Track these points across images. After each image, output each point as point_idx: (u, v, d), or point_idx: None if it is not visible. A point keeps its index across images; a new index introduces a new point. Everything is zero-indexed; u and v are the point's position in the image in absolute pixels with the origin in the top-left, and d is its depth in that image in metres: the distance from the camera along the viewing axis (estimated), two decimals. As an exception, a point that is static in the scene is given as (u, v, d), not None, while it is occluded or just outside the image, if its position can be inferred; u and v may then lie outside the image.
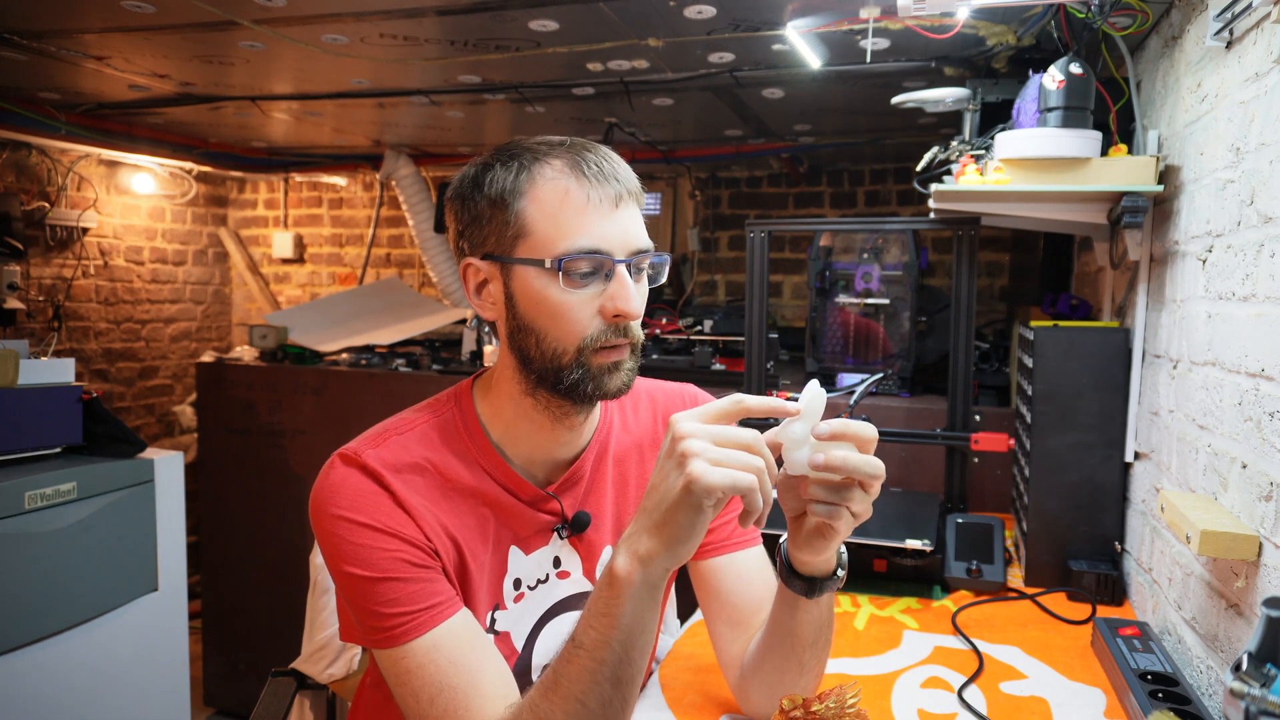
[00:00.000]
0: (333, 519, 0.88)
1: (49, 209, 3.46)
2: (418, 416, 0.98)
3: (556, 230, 0.88)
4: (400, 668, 0.86)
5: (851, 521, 0.84)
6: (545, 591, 1.01)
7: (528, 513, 0.98)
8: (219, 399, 3.11)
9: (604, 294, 0.89)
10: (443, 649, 0.85)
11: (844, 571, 0.94)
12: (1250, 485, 1.00)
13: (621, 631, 0.78)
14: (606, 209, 0.88)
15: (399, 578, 0.86)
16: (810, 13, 1.76)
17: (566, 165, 0.89)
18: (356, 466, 0.90)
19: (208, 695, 3.23)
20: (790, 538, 0.92)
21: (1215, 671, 1.08)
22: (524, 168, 0.90)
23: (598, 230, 0.88)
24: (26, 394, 1.96)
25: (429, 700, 0.84)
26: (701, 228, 3.77)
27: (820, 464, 0.80)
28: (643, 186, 0.95)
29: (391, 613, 0.85)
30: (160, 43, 2.15)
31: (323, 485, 0.91)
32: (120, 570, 2.04)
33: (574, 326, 0.89)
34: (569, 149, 0.91)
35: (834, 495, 0.82)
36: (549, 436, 0.98)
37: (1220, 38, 1.14)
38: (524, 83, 2.46)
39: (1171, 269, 1.38)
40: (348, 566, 0.87)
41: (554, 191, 0.88)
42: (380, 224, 4.26)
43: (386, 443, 0.93)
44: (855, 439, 0.81)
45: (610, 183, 0.89)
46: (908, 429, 2.04)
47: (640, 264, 0.92)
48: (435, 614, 0.86)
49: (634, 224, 0.91)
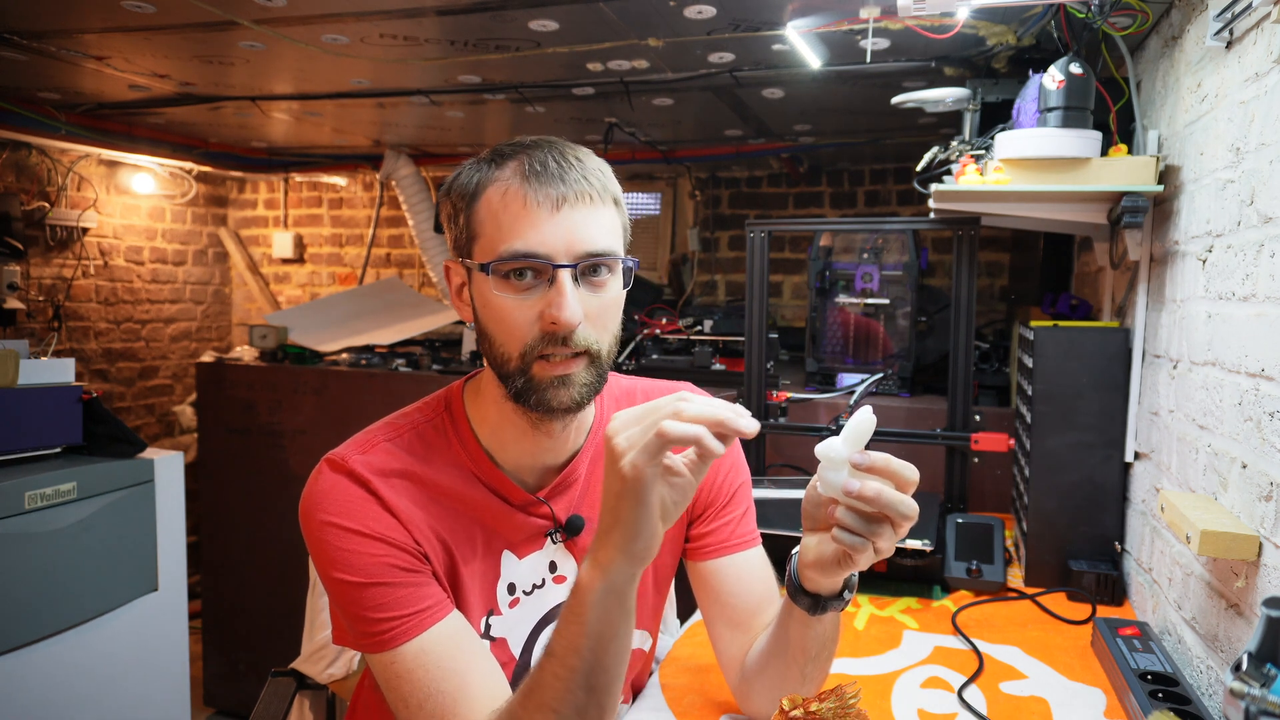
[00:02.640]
0: (321, 525, 0.88)
1: (49, 209, 3.46)
2: (407, 419, 0.97)
3: (497, 233, 0.86)
4: (390, 672, 0.86)
5: (873, 557, 0.82)
6: (541, 597, 1.00)
7: (519, 517, 0.98)
8: (219, 399, 3.11)
9: (543, 299, 0.85)
10: (431, 654, 0.85)
11: (851, 594, 0.93)
12: (1250, 485, 1.00)
13: (590, 639, 0.78)
14: (545, 211, 0.84)
15: (387, 583, 0.86)
16: (810, 13, 1.76)
17: (517, 166, 0.87)
18: (344, 472, 0.89)
19: (208, 695, 3.23)
20: (803, 553, 0.91)
21: (1215, 671, 1.08)
22: (481, 169, 0.89)
23: (533, 234, 0.84)
24: (26, 394, 1.96)
25: (417, 705, 0.85)
26: (701, 228, 3.77)
27: (854, 491, 0.78)
28: (641, 187, 0.93)
29: (380, 617, 0.85)
30: (160, 43, 2.15)
31: (311, 491, 0.90)
32: (120, 570, 2.04)
33: (514, 333, 0.87)
34: (529, 148, 0.88)
35: (862, 526, 0.80)
36: (532, 442, 0.96)
37: (1220, 38, 1.14)
38: (524, 83, 2.46)
39: (1171, 269, 1.38)
40: (336, 572, 0.87)
41: (498, 193, 0.87)
42: (380, 224, 4.26)
43: (375, 448, 0.92)
44: (895, 477, 0.79)
45: (554, 184, 0.85)
46: (908, 429, 2.04)
47: (592, 267, 0.87)
48: (424, 618, 0.86)
49: (582, 227, 0.85)
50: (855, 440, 0.80)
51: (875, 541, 0.81)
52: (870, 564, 0.83)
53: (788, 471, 2.18)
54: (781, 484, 1.85)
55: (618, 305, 0.92)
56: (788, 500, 1.69)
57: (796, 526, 1.54)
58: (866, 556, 0.82)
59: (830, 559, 0.86)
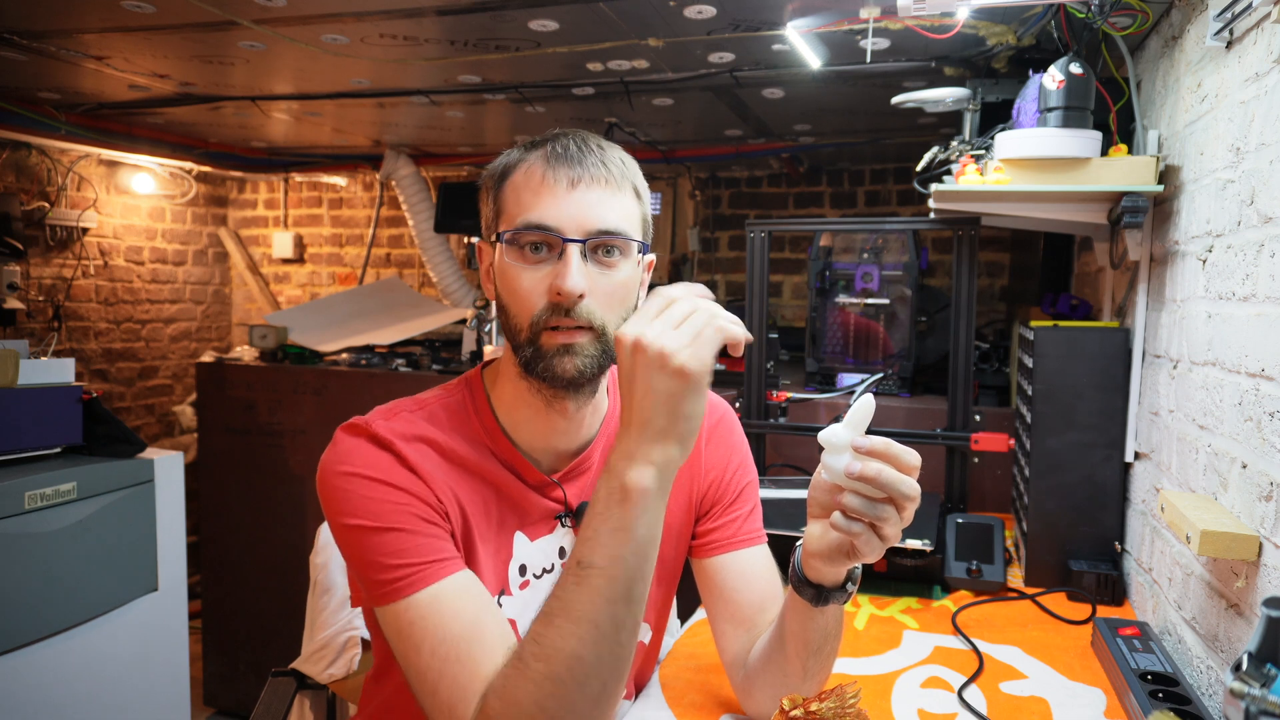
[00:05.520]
0: (342, 476, 0.89)
1: (49, 209, 3.46)
2: (428, 396, 0.99)
3: (516, 208, 0.91)
4: (402, 621, 0.85)
5: (879, 547, 0.83)
6: (551, 580, 1.00)
7: (532, 497, 0.99)
8: (219, 399, 3.11)
9: (552, 271, 0.89)
10: (445, 601, 0.85)
11: (854, 586, 0.93)
12: (1250, 485, 1.00)
13: (638, 544, 0.78)
14: (561, 188, 0.89)
15: (404, 529, 0.86)
16: (810, 13, 1.76)
17: (544, 150, 0.92)
18: (366, 436, 0.91)
19: (208, 695, 3.23)
20: (807, 542, 0.91)
21: (1215, 671, 1.08)
22: (515, 154, 0.95)
23: (549, 208, 0.89)
24: (26, 394, 1.96)
25: (430, 651, 0.83)
26: (701, 228, 3.77)
27: (856, 473, 0.80)
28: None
29: (395, 564, 0.85)
30: (160, 43, 2.15)
31: (331, 452, 0.91)
32: (120, 570, 2.04)
33: (525, 303, 0.91)
34: (558, 136, 0.94)
35: (867, 509, 0.81)
36: (546, 423, 0.98)
37: (1220, 38, 1.14)
38: (524, 83, 2.46)
39: (1171, 269, 1.38)
40: (354, 519, 0.87)
41: (523, 172, 0.92)
42: (380, 224, 4.26)
43: (397, 416, 0.94)
44: (895, 461, 0.80)
45: (573, 165, 0.90)
46: (908, 429, 2.04)
47: (602, 246, 0.91)
48: (439, 568, 0.86)
49: (595, 206, 0.90)
50: (856, 425, 0.81)
51: (881, 527, 0.81)
52: (876, 555, 0.84)
53: (788, 471, 2.18)
54: (782, 484, 1.85)
55: (628, 288, 0.94)
56: (788, 500, 1.69)
57: (796, 526, 1.54)
58: (870, 546, 0.83)
59: (835, 548, 0.87)
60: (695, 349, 0.75)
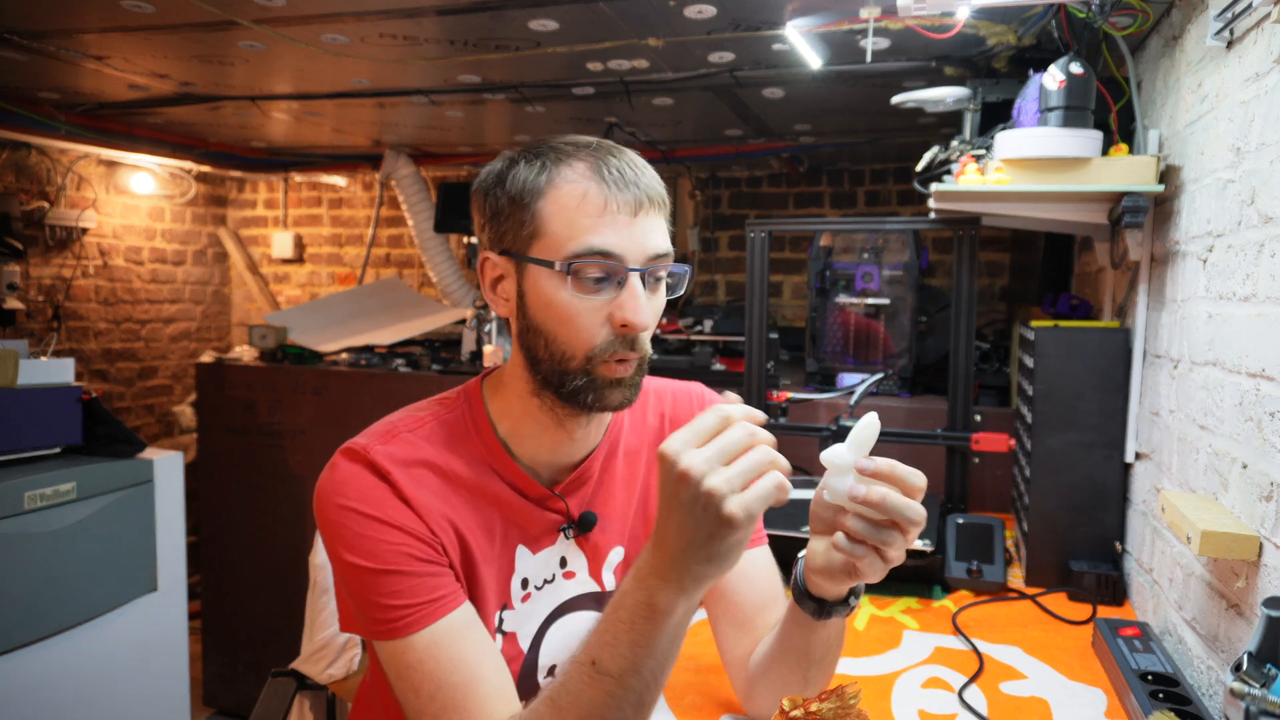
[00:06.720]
0: (339, 509, 0.88)
1: (48, 209, 3.46)
2: (426, 412, 0.97)
3: (570, 232, 0.86)
4: (401, 661, 0.86)
5: (882, 568, 0.82)
6: (552, 591, 1.01)
7: (535, 511, 0.98)
8: (219, 399, 3.11)
9: (614, 302, 0.87)
10: (443, 645, 0.85)
11: (857, 600, 0.93)
12: (1251, 485, 0.99)
13: (656, 660, 0.77)
14: (624, 215, 0.86)
15: (402, 571, 0.86)
16: (810, 12, 1.76)
17: (589, 168, 0.87)
18: (363, 462, 0.90)
19: (208, 695, 3.23)
20: (809, 558, 0.90)
21: (1215, 671, 1.08)
22: (546, 167, 0.89)
23: (612, 235, 0.85)
24: (26, 394, 1.96)
25: (429, 696, 0.84)
26: (701, 228, 3.77)
27: (860, 496, 0.78)
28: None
29: (394, 605, 0.85)
30: (160, 43, 2.15)
31: (329, 478, 0.90)
32: (120, 570, 2.04)
33: (582, 333, 0.87)
34: (594, 151, 0.89)
35: (870, 533, 0.80)
36: (553, 438, 0.97)
37: (1221, 37, 1.14)
38: (524, 82, 2.46)
39: (1172, 269, 1.38)
40: (352, 556, 0.86)
41: (572, 194, 0.87)
42: (380, 224, 4.26)
43: (395, 439, 0.92)
44: (900, 483, 0.79)
45: (630, 189, 0.87)
46: (908, 429, 2.04)
47: (658, 273, 0.89)
48: (437, 608, 0.86)
49: (654, 232, 0.88)
50: (860, 446, 0.79)
51: (885, 550, 0.80)
52: (879, 576, 0.83)
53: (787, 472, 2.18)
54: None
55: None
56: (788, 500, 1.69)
57: (797, 527, 1.54)
58: (873, 568, 0.82)
59: (838, 567, 0.86)
60: (746, 501, 0.70)
